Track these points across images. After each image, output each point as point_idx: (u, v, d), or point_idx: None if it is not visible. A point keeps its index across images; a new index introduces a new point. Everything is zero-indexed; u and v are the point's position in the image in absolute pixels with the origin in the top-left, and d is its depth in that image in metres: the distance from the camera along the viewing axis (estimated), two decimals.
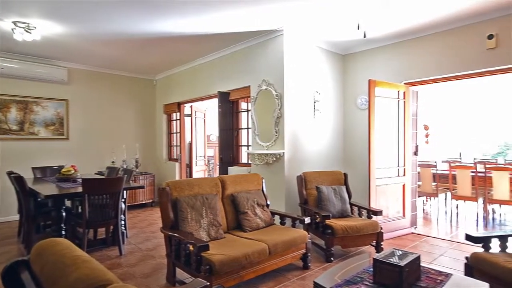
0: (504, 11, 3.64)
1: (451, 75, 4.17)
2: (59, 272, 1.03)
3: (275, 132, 4.40)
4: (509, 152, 8.43)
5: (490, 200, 5.15)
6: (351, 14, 3.77)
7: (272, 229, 3.36)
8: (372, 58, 4.93)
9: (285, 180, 4.34)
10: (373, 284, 1.98)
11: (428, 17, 3.88)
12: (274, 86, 4.40)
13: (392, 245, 4.00)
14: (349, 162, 5.20)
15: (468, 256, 2.59)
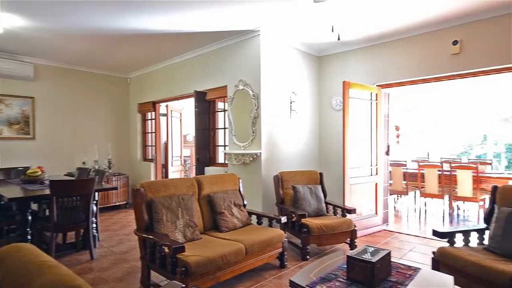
0: (467, 18, 3.86)
1: (420, 78, 4.37)
2: (22, 279, 0.98)
3: (252, 132, 4.41)
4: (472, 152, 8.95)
5: (455, 197, 5.44)
6: (326, 17, 3.85)
7: (249, 229, 3.36)
8: (347, 60, 5.06)
9: (262, 180, 4.36)
10: (347, 281, 2.04)
11: (399, 23, 4.03)
12: (251, 86, 4.41)
13: (365, 242, 4.13)
14: (324, 161, 5.31)
15: (435, 251, 2.73)
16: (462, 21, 3.92)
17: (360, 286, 1.96)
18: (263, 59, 4.36)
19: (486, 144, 8.60)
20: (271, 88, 4.48)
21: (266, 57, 4.41)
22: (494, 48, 3.73)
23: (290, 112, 4.80)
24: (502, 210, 2.67)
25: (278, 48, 4.61)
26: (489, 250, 2.63)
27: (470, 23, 3.89)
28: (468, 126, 8.78)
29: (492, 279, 2.22)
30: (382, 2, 3.49)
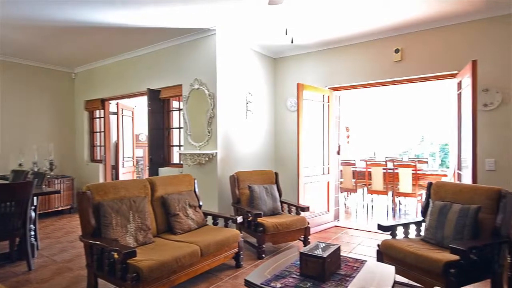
0: (408, 29, 4.21)
1: (367, 83, 4.67)
2: None
3: (207, 132, 4.36)
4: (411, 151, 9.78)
5: (397, 193, 5.91)
6: (280, 20, 3.94)
7: (205, 230, 3.32)
8: (301, 62, 5.23)
9: (218, 180, 4.33)
10: (300, 276, 2.11)
11: (348, 30, 4.28)
12: (207, 86, 4.36)
13: (318, 239, 4.30)
14: (280, 161, 5.43)
15: (379, 244, 2.93)
16: (403, 31, 4.27)
17: (312, 280, 2.04)
18: (219, 58, 4.34)
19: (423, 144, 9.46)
20: (227, 88, 4.47)
21: (222, 56, 4.39)
22: (431, 57, 4.12)
23: (246, 112, 4.83)
24: (435, 204, 2.96)
25: (234, 48, 4.62)
26: (425, 240, 2.90)
27: (409, 33, 4.25)
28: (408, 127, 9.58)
29: (427, 267, 2.45)
30: (333, 11, 3.67)
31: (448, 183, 3.18)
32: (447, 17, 3.87)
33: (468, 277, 2.37)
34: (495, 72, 3.67)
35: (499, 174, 3.65)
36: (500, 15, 3.67)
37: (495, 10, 3.64)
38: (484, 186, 2.83)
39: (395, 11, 3.72)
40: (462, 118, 3.73)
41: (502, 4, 3.52)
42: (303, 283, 2.01)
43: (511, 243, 2.28)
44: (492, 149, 3.70)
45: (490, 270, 2.52)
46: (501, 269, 2.55)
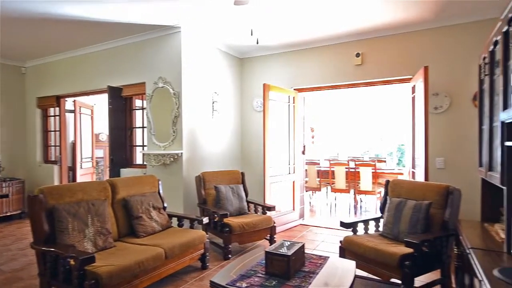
0: (368, 34, 4.42)
1: (330, 85, 4.83)
2: None
3: (172, 132, 4.25)
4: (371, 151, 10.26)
5: (358, 191, 6.18)
6: (246, 20, 3.95)
7: (169, 232, 3.24)
8: (267, 63, 5.29)
9: (183, 181, 4.25)
10: (265, 275, 2.13)
11: (313, 33, 4.39)
12: (172, 84, 4.26)
13: (283, 237, 4.38)
14: (246, 161, 5.44)
15: (341, 240, 3.05)
16: (363, 37, 4.47)
17: (277, 278, 2.07)
18: (185, 57, 4.26)
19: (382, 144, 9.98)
20: (192, 87, 4.40)
21: (188, 55, 4.32)
22: (388, 62, 4.36)
23: (212, 112, 4.79)
24: (392, 201, 3.14)
25: (200, 46, 4.56)
26: (383, 235, 3.06)
27: (369, 39, 4.47)
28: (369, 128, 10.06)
29: (385, 260, 2.59)
30: (298, 14, 3.75)
31: (404, 181, 3.38)
32: (403, 25, 4.12)
33: (421, 268, 2.54)
34: (444, 77, 3.97)
35: (448, 172, 3.96)
36: (449, 25, 3.97)
37: (444, 20, 3.94)
38: (435, 183, 3.05)
39: (356, 18, 3.89)
40: (416, 120, 3.99)
41: (450, 15, 3.81)
42: (268, 281, 2.03)
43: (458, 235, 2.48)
44: (442, 149, 4.00)
45: (439, 261, 2.72)
46: (449, 259, 2.77)
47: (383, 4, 3.52)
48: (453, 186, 2.86)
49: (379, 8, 3.62)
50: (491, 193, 2.42)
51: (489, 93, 2.29)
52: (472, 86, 3.71)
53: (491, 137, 2.24)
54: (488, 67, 2.32)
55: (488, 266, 1.58)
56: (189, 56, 4.33)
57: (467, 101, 3.86)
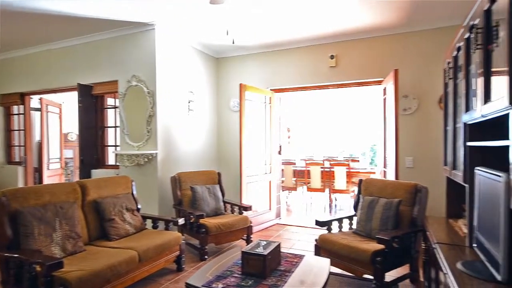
0: (342, 37, 4.54)
1: (305, 86, 4.92)
2: None
3: (147, 132, 4.15)
4: (345, 151, 10.53)
5: (333, 190, 6.33)
6: (222, 19, 3.93)
7: (143, 234, 3.16)
8: (244, 63, 5.29)
9: (158, 181, 4.16)
10: (242, 275, 2.13)
11: (288, 34, 4.44)
12: (146, 83, 4.16)
13: (260, 237, 4.40)
14: (223, 161, 5.42)
15: (316, 239, 3.11)
16: (337, 39, 4.59)
17: (254, 278, 2.08)
18: (159, 55, 4.17)
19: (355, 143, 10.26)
20: (167, 86, 4.32)
21: (163, 53, 4.23)
22: (361, 64, 4.49)
23: (188, 111, 4.73)
24: (365, 199, 3.24)
25: (175, 45, 4.48)
26: (357, 233, 3.16)
27: (343, 41, 4.59)
28: (343, 128, 10.33)
29: (358, 257, 2.67)
30: (274, 15, 3.78)
31: (376, 180, 3.50)
32: (375, 29, 4.27)
33: (392, 263, 2.65)
34: (412, 80, 4.15)
35: (417, 170, 4.14)
36: (417, 30, 4.16)
37: (412, 26, 4.12)
38: (404, 182, 3.19)
39: (331, 21, 3.98)
40: (387, 121, 4.15)
41: (418, 21, 3.99)
42: (245, 281, 2.04)
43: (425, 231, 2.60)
44: (411, 149, 4.18)
45: (409, 256, 2.84)
46: (417, 254, 2.90)
47: (357, 8, 3.62)
48: (421, 184, 3.00)
49: (353, 12, 3.72)
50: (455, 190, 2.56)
51: (453, 96, 2.42)
52: (438, 89, 3.91)
53: (454, 137, 2.37)
54: (452, 71, 2.45)
55: (452, 260, 1.67)
56: (163, 55, 4.25)
57: (434, 103, 4.06)
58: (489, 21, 1.46)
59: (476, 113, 1.68)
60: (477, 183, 1.73)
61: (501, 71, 1.25)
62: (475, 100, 1.70)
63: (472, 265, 1.57)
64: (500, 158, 1.22)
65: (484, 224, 1.60)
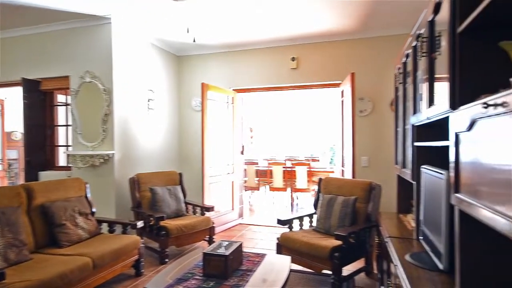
0: (302, 40, 4.66)
1: (267, 86, 4.98)
2: None
3: (102, 131, 3.94)
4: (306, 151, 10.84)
5: (295, 189, 6.48)
6: (184, 17, 3.85)
7: (98, 240, 2.99)
8: (206, 63, 5.22)
9: (115, 183, 3.96)
10: (203, 277, 2.10)
11: (251, 35, 4.47)
12: (101, 80, 3.94)
13: (223, 237, 4.37)
14: (185, 161, 5.30)
15: (278, 237, 3.16)
16: (298, 42, 4.71)
17: (215, 279, 2.07)
18: (116, 50, 3.97)
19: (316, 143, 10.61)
20: (125, 83, 4.13)
21: (120, 49, 4.04)
22: (320, 67, 4.65)
23: (148, 110, 4.56)
24: (324, 197, 3.36)
25: (134, 41, 4.30)
26: (317, 230, 3.26)
27: (304, 44, 4.72)
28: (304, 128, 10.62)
29: (317, 253, 2.76)
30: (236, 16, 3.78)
31: (334, 179, 3.65)
32: (334, 34, 4.44)
33: (349, 258, 2.78)
34: (368, 84, 4.39)
35: (371, 169, 4.38)
36: (372, 36, 4.40)
37: (368, 32, 4.35)
38: (360, 180, 3.36)
39: (292, 23, 4.07)
40: (344, 122, 4.34)
41: (373, 28, 4.22)
42: (206, 283, 2.01)
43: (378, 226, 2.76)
44: (366, 149, 4.42)
45: (364, 250, 3.00)
46: (372, 248, 3.07)
47: (317, 13, 3.74)
48: (375, 182, 3.18)
49: (313, 16, 3.84)
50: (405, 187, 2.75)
51: (402, 100, 2.60)
52: (390, 92, 4.16)
53: (404, 138, 2.55)
54: (401, 77, 2.63)
55: (402, 252, 1.79)
56: (121, 50, 4.06)
57: (386, 106, 4.32)
58: (433, 31, 1.59)
59: (422, 115, 1.82)
60: (423, 180, 1.87)
61: (443, 77, 1.37)
62: (421, 104, 1.84)
63: (418, 256, 1.70)
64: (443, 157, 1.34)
65: (429, 218, 1.74)
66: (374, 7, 3.57)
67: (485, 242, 1.07)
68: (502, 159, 0.80)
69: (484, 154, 0.91)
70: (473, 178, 1.00)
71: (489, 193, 0.87)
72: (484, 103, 0.85)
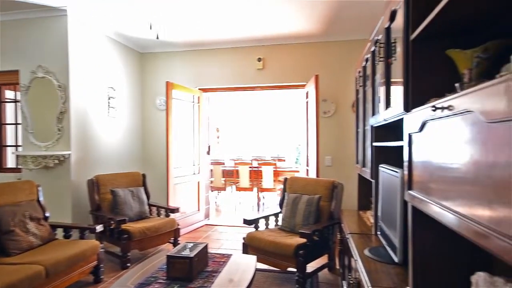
0: (268, 41, 4.71)
1: (234, 86, 4.97)
2: None
3: (57, 130, 3.69)
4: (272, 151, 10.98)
5: (261, 189, 6.53)
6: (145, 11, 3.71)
7: (52, 246, 2.80)
8: (171, 61, 5.09)
9: (72, 185, 3.73)
10: (167, 280, 2.05)
11: (217, 34, 4.43)
12: (56, 75, 3.69)
13: (188, 239, 4.29)
14: (149, 162, 5.13)
15: (244, 237, 3.17)
16: (264, 43, 4.75)
17: (180, 282, 2.02)
18: (73, 45, 3.74)
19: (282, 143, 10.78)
20: (83, 79, 3.91)
21: (78, 43, 3.81)
22: (286, 68, 4.73)
23: (108, 109, 4.35)
24: (290, 196, 3.42)
25: (93, 35, 4.08)
26: (282, 229, 3.32)
27: (270, 45, 4.77)
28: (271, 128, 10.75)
29: (282, 252, 2.80)
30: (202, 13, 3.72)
31: (299, 178, 3.73)
32: (299, 36, 4.53)
33: (313, 255, 2.85)
34: (331, 86, 4.54)
35: (334, 168, 4.54)
36: (335, 40, 4.55)
37: (331, 36, 4.49)
38: (323, 179, 3.46)
39: (258, 24, 4.09)
40: (309, 123, 4.46)
41: (336, 32, 4.37)
42: (170, 286, 1.96)
43: (340, 223, 2.87)
44: (330, 149, 4.57)
45: (327, 247, 3.10)
46: (334, 245, 3.18)
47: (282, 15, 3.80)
48: (338, 181, 3.30)
49: (279, 18, 3.90)
50: (365, 185, 2.89)
51: (362, 102, 2.72)
52: (352, 94, 4.34)
53: (364, 138, 2.67)
54: (361, 80, 2.76)
55: (361, 247, 1.88)
56: (78, 44, 3.83)
57: (348, 108, 4.50)
58: (389, 37, 1.68)
59: (380, 117, 1.92)
60: (381, 179, 1.97)
61: (398, 81, 1.46)
62: (379, 106, 1.94)
63: (376, 250, 1.79)
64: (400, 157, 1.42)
65: (386, 214, 1.84)
66: (337, 13, 3.70)
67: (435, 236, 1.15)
68: (448, 158, 0.87)
69: (433, 153, 0.98)
70: (424, 176, 1.07)
71: (438, 190, 0.94)
72: (433, 106, 0.91)
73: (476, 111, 0.69)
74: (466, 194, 0.75)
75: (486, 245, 0.64)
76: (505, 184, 0.58)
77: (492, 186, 0.64)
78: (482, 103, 0.67)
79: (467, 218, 0.74)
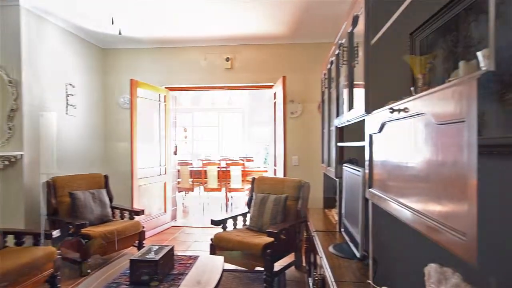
0: (236, 41, 4.70)
1: (202, 86, 4.91)
2: None
3: (8, 129, 3.41)
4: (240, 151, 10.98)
5: (229, 189, 6.50)
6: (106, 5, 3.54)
7: (1, 254, 2.58)
8: (136, 58, 4.91)
9: (24, 188, 3.46)
10: (130, 285, 1.97)
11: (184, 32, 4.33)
12: (6, 70, 3.41)
13: (154, 241, 4.16)
14: (112, 163, 4.90)
15: (212, 238, 3.14)
16: (232, 43, 4.73)
17: (144, 286, 1.95)
18: (27, 38, 3.48)
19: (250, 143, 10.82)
20: (38, 75, 3.65)
21: (31, 36, 3.55)
22: (254, 69, 4.75)
23: (67, 106, 4.11)
24: (257, 196, 3.44)
25: (49, 28, 3.83)
26: (250, 228, 3.33)
27: (238, 45, 4.76)
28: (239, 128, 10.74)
29: (250, 251, 2.81)
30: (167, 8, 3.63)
31: (267, 178, 3.77)
32: (267, 37, 4.56)
33: (280, 253, 2.89)
34: (298, 87, 4.63)
35: (301, 168, 4.64)
36: (302, 43, 4.65)
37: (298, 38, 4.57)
38: (290, 179, 3.53)
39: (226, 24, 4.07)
40: (276, 123, 4.51)
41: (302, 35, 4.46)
42: None
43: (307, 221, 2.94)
44: (297, 149, 4.65)
45: (294, 245, 3.16)
46: (301, 243, 3.25)
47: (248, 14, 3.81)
48: (304, 180, 3.37)
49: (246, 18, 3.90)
50: (330, 184, 2.98)
51: (328, 103, 2.81)
52: (318, 96, 4.45)
53: (329, 138, 2.75)
54: (327, 82, 2.84)
55: (326, 244, 1.94)
56: (33, 38, 3.57)
57: (315, 109, 4.62)
58: (352, 42, 1.75)
59: (344, 118, 1.99)
60: (344, 178, 2.05)
61: (360, 84, 1.52)
62: (343, 107, 2.01)
63: (340, 247, 1.85)
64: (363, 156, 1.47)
65: (349, 212, 1.91)
66: (302, 16, 3.78)
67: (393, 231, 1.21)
68: (404, 157, 0.92)
69: (391, 153, 1.04)
70: (383, 174, 1.12)
71: (395, 187, 0.99)
72: (391, 108, 0.96)
73: (428, 114, 0.74)
74: (420, 191, 0.80)
75: (437, 238, 0.69)
76: (452, 181, 0.63)
77: (441, 183, 0.68)
78: (433, 106, 0.71)
79: (420, 214, 0.78)
